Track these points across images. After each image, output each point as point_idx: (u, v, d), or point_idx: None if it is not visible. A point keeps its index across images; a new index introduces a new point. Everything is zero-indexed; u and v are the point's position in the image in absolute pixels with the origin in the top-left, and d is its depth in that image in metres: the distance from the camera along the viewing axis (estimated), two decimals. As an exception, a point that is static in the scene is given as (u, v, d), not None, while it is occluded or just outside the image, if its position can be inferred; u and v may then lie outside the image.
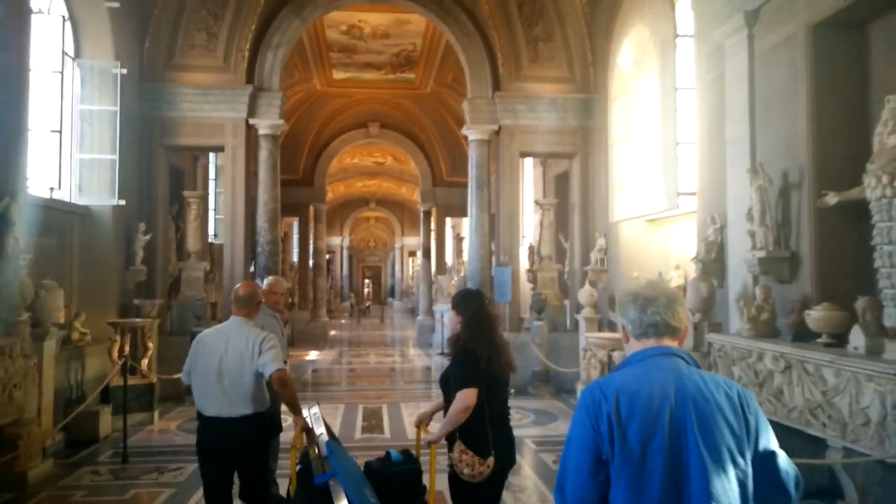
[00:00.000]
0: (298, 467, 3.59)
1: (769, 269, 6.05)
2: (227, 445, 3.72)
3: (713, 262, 7.06)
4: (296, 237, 24.22)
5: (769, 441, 1.90)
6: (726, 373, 5.85)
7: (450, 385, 3.38)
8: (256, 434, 3.78)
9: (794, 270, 6.01)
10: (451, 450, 3.34)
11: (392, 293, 39.81)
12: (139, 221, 10.03)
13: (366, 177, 29.84)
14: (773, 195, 6.11)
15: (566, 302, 11.53)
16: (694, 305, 6.69)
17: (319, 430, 3.64)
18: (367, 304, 32.84)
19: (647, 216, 9.61)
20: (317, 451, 3.48)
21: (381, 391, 10.97)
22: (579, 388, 10.17)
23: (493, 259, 11.37)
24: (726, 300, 6.90)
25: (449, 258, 23.63)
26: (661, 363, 1.91)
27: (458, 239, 23.65)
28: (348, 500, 3.03)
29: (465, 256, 22.79)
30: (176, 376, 9.25)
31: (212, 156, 13.93)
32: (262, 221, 10.60)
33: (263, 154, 10.67)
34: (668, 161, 8.34)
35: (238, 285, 4.12)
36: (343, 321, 27.15)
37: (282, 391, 3.76)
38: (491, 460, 3.24)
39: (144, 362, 8.51)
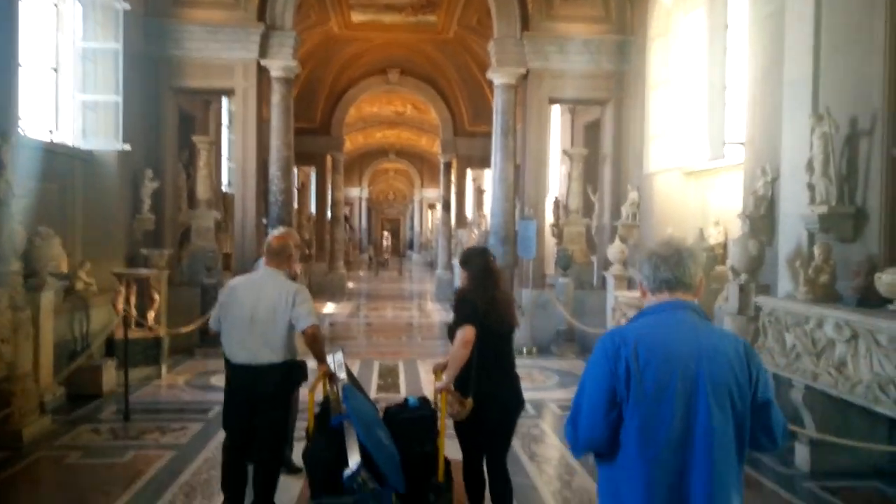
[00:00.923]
0: (317, 410, 3.77)
1: (830, 226, 5.44)
2: (254, 392, 3.78)
3: (762, 218, 6.42)
4: (313, 188, 23.74)
5: (767, 391, 2.06)
6: (777, 339, 5.30)
7: (453, 335, 3.59)
8: (283, 382, 3.86)
9: (859, 228, 5.39)
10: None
11: (411, 246, 39.42)
12: (146, 168, 9.56)
13: (385, 126, 29.08)
14: (839, 144, 5.44)
15: (593, 258, 10.96)
16: (740, 265, 6.10)
17: (341, 374, 3.82)
18: (386, 256, 32.47)
19: (685, 168, 8.92)
20: (336, 394, 3.62)
21: (397, 347, 10.58)
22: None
23: (517, 213, 10.77)
24: (775, 260, 6.29)
25: (469, 211, 23.05)
26: (676, 315, 2.06)
27: (479, 192, 23.00)
28: (360, 440, 3.14)
29: (486, 210, 22.21)
30: (186, 329, 8.98)
31: (224, 101, 13.33)
32: (274, 169, 10.08)
33: (276, 98, 10.07)
34: (715, 107, 7.63)
35: (271, 236, 4.10)
36: (361, 273, 26.85)
37: (312, 346, 3.86)
38: (469, 402, 3.47)
39: (151, 315, 8.14)
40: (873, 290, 4.80)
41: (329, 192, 20.95)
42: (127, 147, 8.80)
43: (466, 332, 3.46)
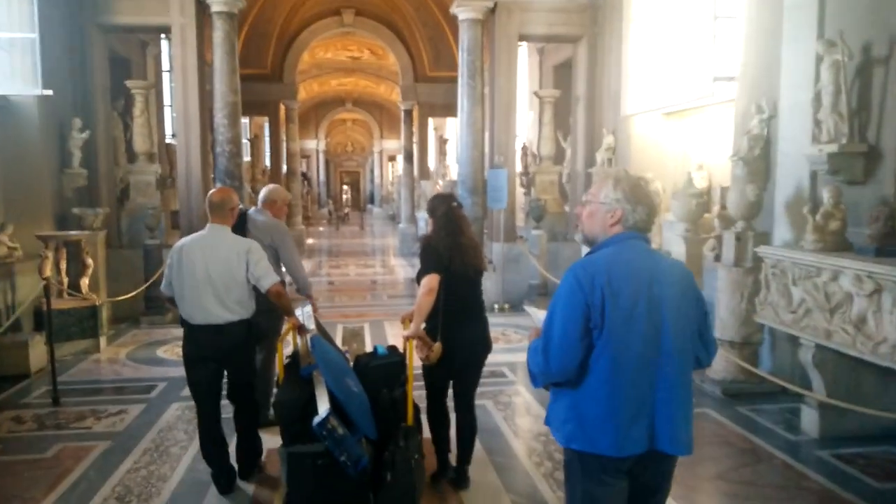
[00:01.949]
0: (287, 360, 3.78)
1: (840, 167, 4.91)
2: (215, 351, 3.76)
3: (757, 159, 5.88)
4: (267, 140, 22.57)
5: (707, 310, 2.27)
6: (783, 294, 4.82)
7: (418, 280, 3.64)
8: (244, 338, 3.83)
9: (871, 169, 4.89)
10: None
11: (371, 199, 38.47)
12: (74, 117, 8.53)
13: (341, 73, 27.72)
14: (850, 75, 4.88)
15: (566, 208, 10.41)
16: (737, 211, 5.58)
17: (311, 326, 3.83)
18: (346, 210, 31.51)
19: (666, 109, 8.32)
20: (306, 345, 3.63)
21: (362, 307, 9.95)
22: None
23: (486, 161, 10.08)
24: (771, 206, 5.79)
25: (432, 162, 22.24)
26: (635, 245, 2.20)
27: (442, 141, 22.15)
28: (328, 388, 3.21)
29: (450, 159, 21.45)
30: (127, 296, 8.17)
31: (164, 44, 12.15)
32: (220, 117, 9.13)
33: (218, 36, 9.05)
34: (702, 39, 6.98)
35: (211, 191, 4.00)
36: (321, 229, 25.96)
37: (278, 302, 3.82)
38: (438, 346, 3.56)
39: (84, 281, 7.29)
40: (893, 237, 4.32)
41: (284, 144, 19.85)
42: (48, 92, 7.76)
43: (430, 280, 3.52)
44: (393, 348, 3.89)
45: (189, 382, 3.91)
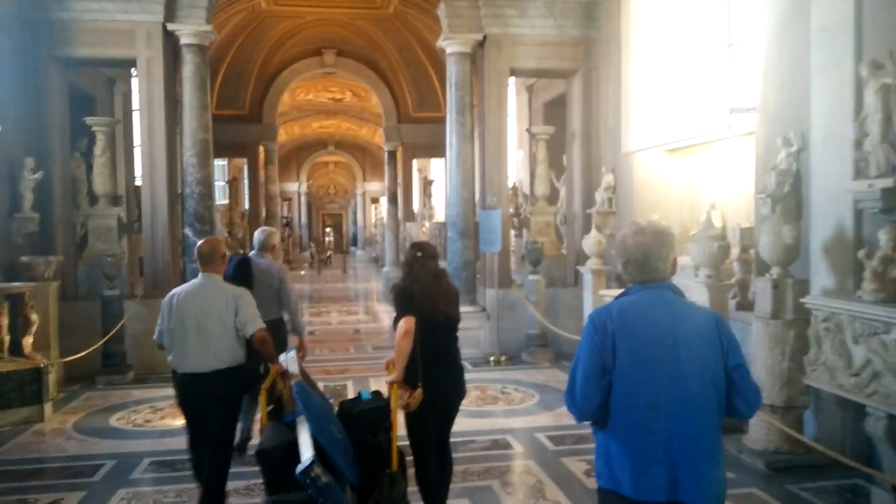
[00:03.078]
0: (270, 407, 3.76)
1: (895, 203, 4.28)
2: (203, 399, 3.82)
3: (787, 197, 5.25)
4: (246, 182, 21.88)
5: (738, 358, 2.26)
6: (840, 353, 4.13)
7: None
8: (230, 389, 3.89)
9: (929, 206, 4.25)
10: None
11: (354, 242, 37.74)
12: (26, 156, 7.76)
13: (322, 116, 27.31)
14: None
15: (564, 251, 9.75)
16: (771, 256, 4.92)
17: (294, 370, 3.86)
18: (328, 254, 30.73)
19: (674, 143, 7.75)
20: (289, 392, 3.64)
21: (344, 361, 9.11)
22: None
23: (477, 201, 9.44)
24: (805, 248, 5.15)
25: (416, 204, 21.63)
26: (653, 294, 2.29)
27: (427, 182, 21.59)
28: (312, 436, 3.20)
29: (435, 200, 20.85)
30: (80, 354, 7.29)
31: (134, 81, 11.48)
32: (188, 156, 8.42)
33: (188, 69, 8.41)
34: (715, 68, 6.45)
35: (200, 242, 4.14)
36: (302, 272, 25.08)
37: (262, 349, 3.88)
38: (419, 392, 3.57)
39: (27, 340, 6.42)
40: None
41: (263, 187, 19.15)
42: (-5, 129, 7.03)
43: (406, 322, 3.58)
44: (377, 393, 3.92)
45: (186, 427, 4.03)
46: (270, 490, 3.34)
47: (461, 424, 5.98)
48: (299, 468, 2.99)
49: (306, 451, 3.10)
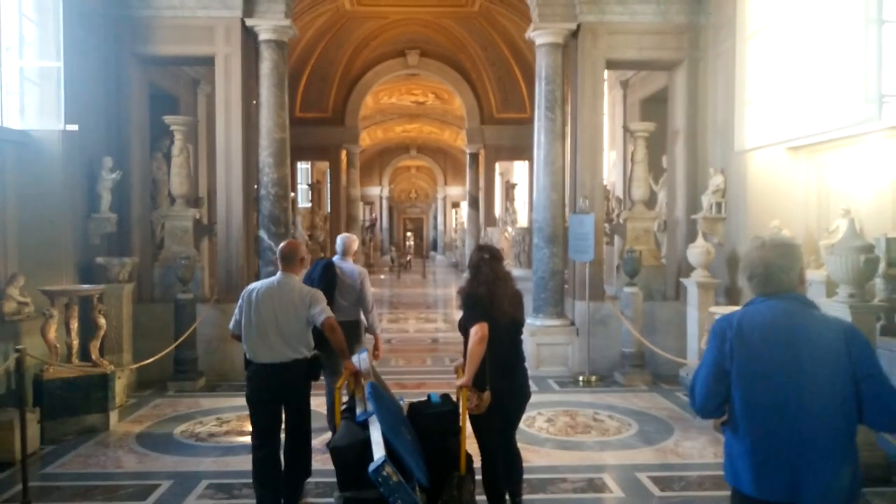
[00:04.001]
0: (344, 406, 3.96)
1: None
2: (278, 388, 4.06)
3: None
4: (328, 185, 21.87)
5: (872, 367, 2.26)
6: None
7: (465, 331, 3.75)
8: (303, 379, 4.15)
9: None
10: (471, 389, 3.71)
11: (434, 247, 37.48)
12: (105, 156, 7.66)
13: (405, 119, 27.16)
14: None
15: (663, 261, 8.84)
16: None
17: (366, 369, 4.01)
18: (409, 258, 30.51)
19: (800, 139, 6.74)
20: (362, 391, 3.79)
21: (421, 374, 8.55)
22: (688, 378, 7.55)
23: (567, 205, 8.68)
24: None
25: (498, 208, 20.97)
26: (777, 304, 2.37)
27: (509, 186, 20.89)
28: (383, 435, 3.29)
29: (518, 205, 20.11)
30: (150, 360, 7.06)
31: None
32: (265, 155, 8.11)
33: (266, 66, 8.10)
34: (858, 50, 5.46)
35: (282, 243, 4.38)
36: (382, 276, 24.87)
37: (331, 336, 4.11)
38: (487, 395, 3.66)
39: (94, 345, 6.19)
40: None
41: (344, 190, 19.01)
42: (73, 127, 6.90)
43: (481, 328, 3.62)
44: (446, 397, 3.97)
45: (252, 423, 4.20)
46: (343, 486, 3.42)
47: (550, 457, 5.29)
48: (371, 466, 3.08)
49: (378, 451, 3.17)
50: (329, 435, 4.61)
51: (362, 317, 5.84)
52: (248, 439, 5.56)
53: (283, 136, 8.19)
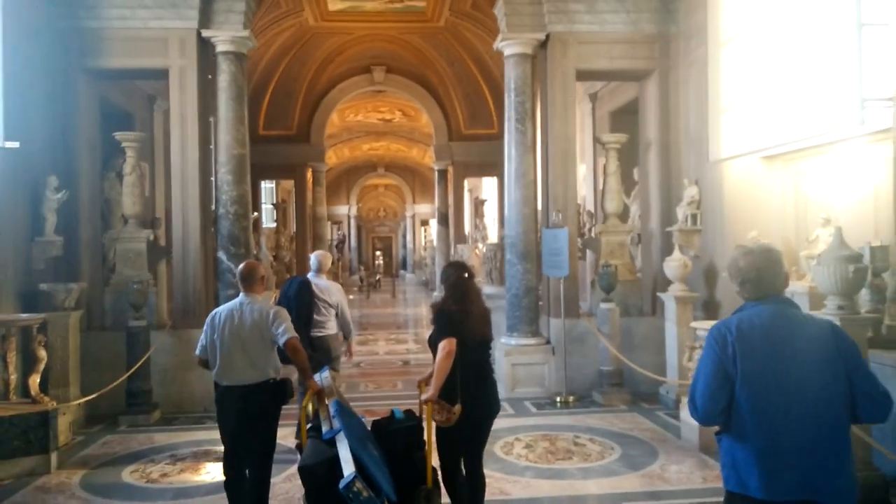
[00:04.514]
0: (309, 425, 3.93)
1: None
2: (244, 410, 3.98)
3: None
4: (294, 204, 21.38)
5: (859, 361, 2.39)
6: None
7: (434, 345, 3.79)
8: (271, 399, 4.07)
9: None
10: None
11: (404, 265, 37.08)
12: (51, 174, 7.17)
13: (372, 137, 26.89)
14: None
15: (639, 275, 8.62)
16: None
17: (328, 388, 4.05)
18: (378, 277, 30.07)
19: (768, 151, 6.60)
20: (327, 410, 3.78)
21: (392, 399, 8.12)
22: (668, 396, 7.31)
23: (540, 219, 8.43)
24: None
25: (467, 226, 20.72)
26: (771, 308, 2.46)
27: (479, 202, 20.69)
28: (352, 452, 3.27)
29: (488, 220, 19.88)
30: (95, 394, 6.56)
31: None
32: (223, 172, 7.70)
33: (224, 79, 7.73)
34: (844, 52, 5.32)
35: (241, 265, 4.34)
36: (351, 297, 24.35)
37: (294, 357, 4.06)
38: (457, 408, 3.68)
39: (33, 380, 5.68)
40: None
41: (310, 208, 18.57)
42: (13, 144, 6.44)
43: (448, 343, 3.68)
44: (409, 412, 4.00)
45: (223, 440, 4.13)
46: None
47: (531, 488, 4.93)
48: (342, 483, 3.09)
49: (348, 467, 3.18)
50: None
51: (337, 330, 6.15)
52: (203, 479, 5.21)
53: (242, 152, 7.80)
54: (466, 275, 3.94)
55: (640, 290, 8.38)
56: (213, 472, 5.39)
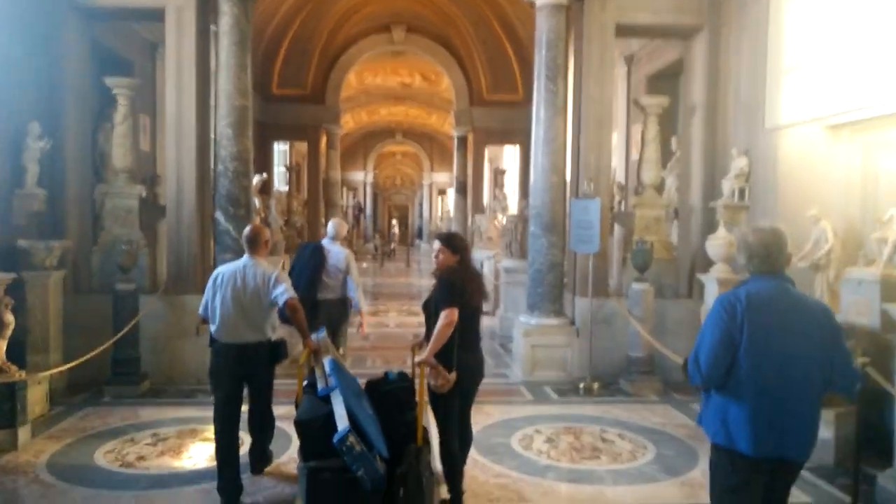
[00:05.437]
0: (305, 382, 4.11)
1: None
2: (240, 368, 4.17)
3: None
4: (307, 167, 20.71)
5: (841, 340, 2.71)
6: None
7: (431, 309, 3.92)
8: (266, 358, 4.28)
9: None
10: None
11: (419, 234, 36.45)
12: (32, 121, 6.54)
13: (390, 102, 26.05)
14: None
15: (675, 253, 7.88)
16: None
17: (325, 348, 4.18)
18: (393, 246, 29.46)
19: (833, 119, 5.79)
20: (322, 368, 3.93)
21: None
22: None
23: (568, 189, 7.69)
24: None
25: (486, 196, 19.95)
26: (775, 283, 2.68)
27: (498, 172, 19.87)
28: (347, 409, 3.42)
29: (508, 190, 19.09)
30: (78, 361, 5.99)
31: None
32: (223, 125, 7.01)
33: (226, 22, 6.99)
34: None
35: (246, 228, 4.46)
36: (364, 265, 23.82)
37: (293, 316, 4.19)
38: (453, 375, 3.80)
39: (0, 347, 5.09)
40: None
41: (322, 173, 17.89)
42: (-13, 86, 5.79)
43: (452, 314, 3.75)
44: (402, 374, 4.16)
45: (215, 396, 4.25)
46: (307, 457, 3.54)
47: (554, 495, 4.26)
48: (336, 437, 3.21)
49: (342, 422, 3.29)
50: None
51: (349, 294, 6.47)
52: (183, 464, 4.66)
53: (244, 104, 7.09)
54: (465, 245, 4.21)
55: (677, 269, 7.64)
56: (195, 457, 4.84)
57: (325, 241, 6.59)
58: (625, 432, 5.55)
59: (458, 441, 3.99)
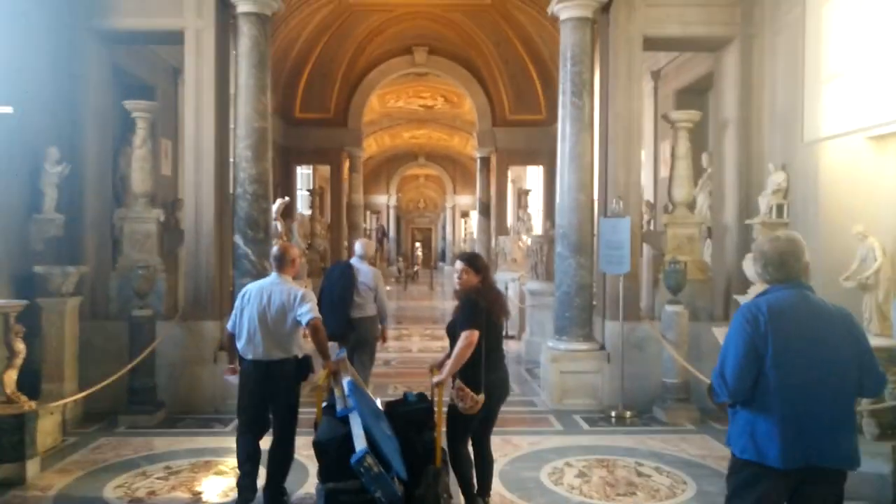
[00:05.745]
0: (324, 403, 4.10)
1: None
2: (265, 385, 4.21)
3: None
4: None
5: (867, 344, 2.68)
6: None
7: (454, 332, 3.91)
8: (290, 377, 4.28)
9: None
10: (452, 386, 3.85)
11: (443, 257, 36.26)
12: (52, 145, 6.48)
13: (413, 125, 26.05)
14: None
15: (709, 274, 7.53)
16: None
17: (344, 371, 4.20)
18: (416, 268, 29.29)
19: (876, 129, 5.46)
20: (341, 389, 3.97)
21: (424, 405, 7.27)
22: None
23: (596, 208, 7.42)
24: None
25: (509, 217, 19.70)
26: (795, 292, 2.66)
27: (522, 192, 19.61)
28: (365, 430, 3.46)
29: (532, 211, 18.81)
30: (97, 387, 5.84)
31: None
32: (242, 147, 6.90)
33: (245, 44, 6.91)
34: None
35: (275, 246, 4.62)
36: (388, 288, 23.56)
37: (314, 337, 4.21)
38: (482, 397, 3.80)
39: (9, 376, 4.93)
40: None
41: (345, 196, 17.81)
42: (6, 109, 5.72)
43: (473, 336, 3.77)
44: (422, 395, 4.17)
45: (238, 410, 4.37)
46: (325, 479, 3.56)
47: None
48: (354, 458, 3.24)
49: (360, 443, 3.32)
50: None
51: (375, 313, 6.56)
52: (195, 500, 4.42)
53: (263, 126, 6.98)
54: (486, 266, 4.22)
55: (712, 291, 7.29)
56: (207, 492, 4.61)
57: (353, 261, 6.68)
58: (661, 465, 5.20)
59: (465, 449, 4.00)
